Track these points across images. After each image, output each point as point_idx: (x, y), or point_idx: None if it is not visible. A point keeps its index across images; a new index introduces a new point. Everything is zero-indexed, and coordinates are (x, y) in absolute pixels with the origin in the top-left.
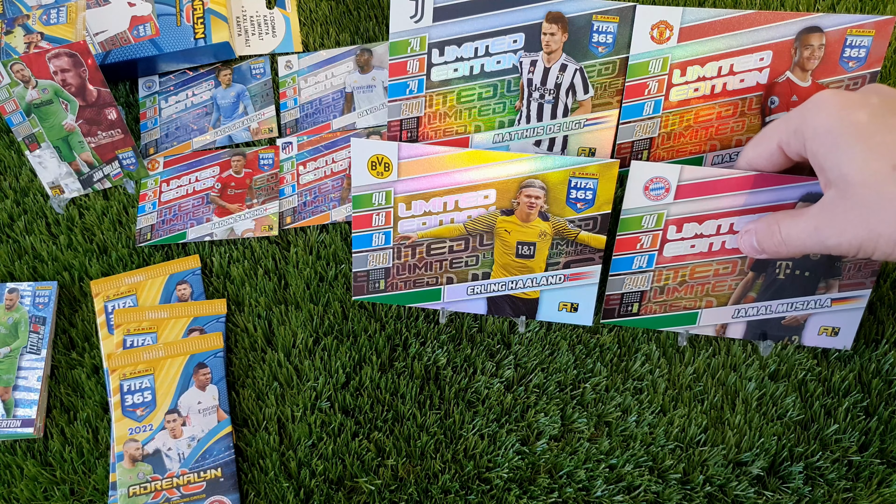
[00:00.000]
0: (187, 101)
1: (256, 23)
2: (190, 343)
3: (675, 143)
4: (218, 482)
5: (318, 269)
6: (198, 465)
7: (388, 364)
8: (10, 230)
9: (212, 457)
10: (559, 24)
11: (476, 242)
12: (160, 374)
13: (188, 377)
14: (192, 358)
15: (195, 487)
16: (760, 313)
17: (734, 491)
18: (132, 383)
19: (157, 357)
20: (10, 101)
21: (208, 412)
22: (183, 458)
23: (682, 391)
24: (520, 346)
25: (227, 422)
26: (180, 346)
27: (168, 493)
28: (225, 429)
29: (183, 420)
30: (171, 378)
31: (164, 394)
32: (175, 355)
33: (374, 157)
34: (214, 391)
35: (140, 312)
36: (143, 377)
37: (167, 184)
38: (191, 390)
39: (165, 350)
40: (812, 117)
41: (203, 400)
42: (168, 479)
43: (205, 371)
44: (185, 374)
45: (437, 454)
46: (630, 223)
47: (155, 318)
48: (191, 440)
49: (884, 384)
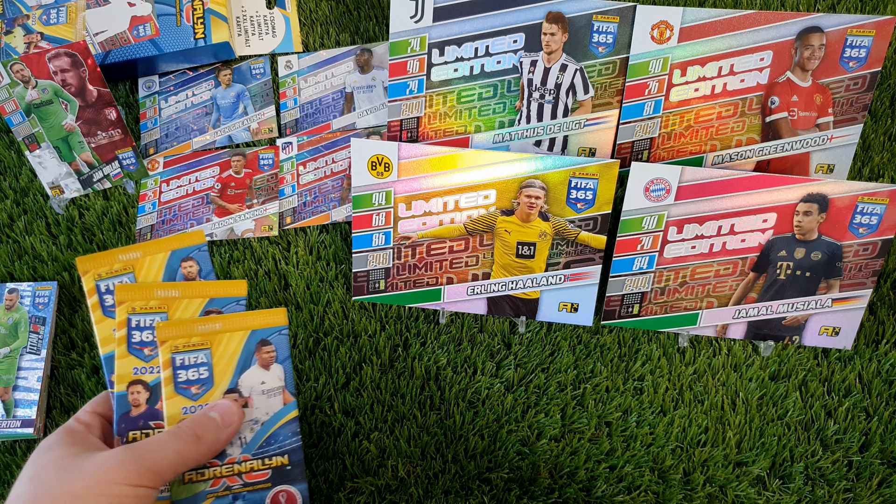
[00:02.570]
0: (187, 101)
1: (256, 23)
2: (251, 318)
3: (676, 144)
4: (284, 470)
5: (318, 269)
6: (261, 451)
7: (389, 364)
8: (10, 230)
9: (277, 442)
10: (559, 24)
11: (476, 242)
12: (218, 349)
13: (250, 354)
14: (254, 334)
15: (259, 475)
16: (761, 314)
17: (735, 491)
18: (186, 357)
19: (212, 330)
20: (10, 101)
21: (273, 394)
22: (245, 443)
23: (682, 392)
24: (520, 347)
25: (293, 405)
26: (240, 321)
27: (228, 480)
28: (291, 412)
29: (245, 401)
30: (230, 354)
31: (222, 371)
32: (234, 329)
33: (374, 157)
34: (280, 371)
35: (146, 289)
36: (198, 351)
37: (167, 184)
38: (253, 368)
39: (223, 323)
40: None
41: (267, 380)
42: (228, 465)
43: (268, 349)
44: (246, 350)
45: (437, 454)
46: (630, 224)
47: (164, 296)
48: (254, 424)
49: (884, 384)
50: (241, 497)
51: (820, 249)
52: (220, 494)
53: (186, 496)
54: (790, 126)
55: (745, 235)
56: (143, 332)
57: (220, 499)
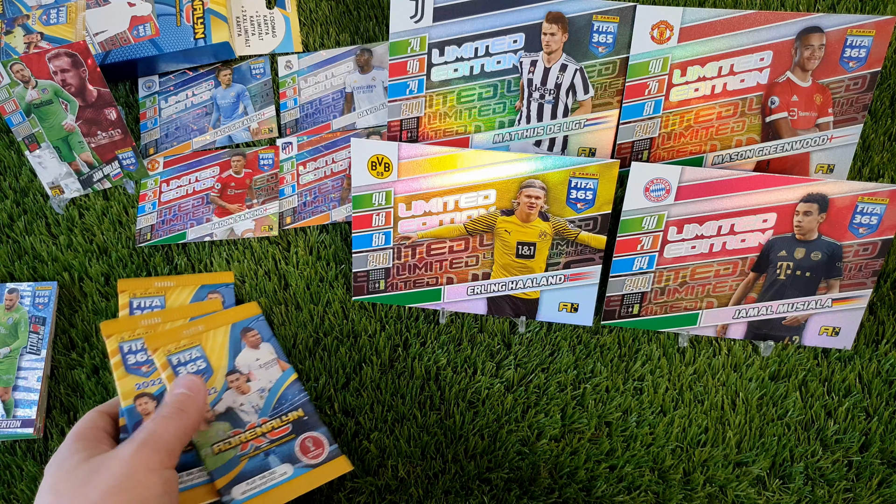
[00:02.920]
0: (187, 101)
1: (256, 23)
2: (228, 314)
3: (676, 144)
4: (302, 421)
5: (318, 269)
6: (276, 411)
7: (389, 364)
8: (10, 230)
9: (287, 402)
10: (559, 24)
11: (476, 242)
12: (207, 344)
13: (237, 341)
14: (235, 326)
15: (282, 431)
16: (761, 314)
17: (735, 491)
18: (180, 356)
19: (197, 332)
20: (10, 101)
21: (269, 365)
22: (258, 409)
23: (682, 392)
24: (520, 347)
25: (290, 370)
26: (217, 319)
27: (255, 442)
28: (291, 376)
29: (246, 377)
30: (220, 345)
31: (217, 358)
32: (216, 326)
33: (374, 157)
34: (269, 347)
35: (131, 321)
36: (190, 349)
37: (167, 184)
38: (245, 351)
39: (205, 324)
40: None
41: (261, 356)
42: (250, 430)
43: (252, 333)
44: (233, 339)
45: (437, 454)
46: (630, 224)
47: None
48: (261, 392)
49: (884, 384)
50: (271, 452)
51: (820, 249)
52: (251, 455)
53: (221, 464)
54: (790, 126)
55: (745, 235)
56: (136, 354)
57: (253, 458)
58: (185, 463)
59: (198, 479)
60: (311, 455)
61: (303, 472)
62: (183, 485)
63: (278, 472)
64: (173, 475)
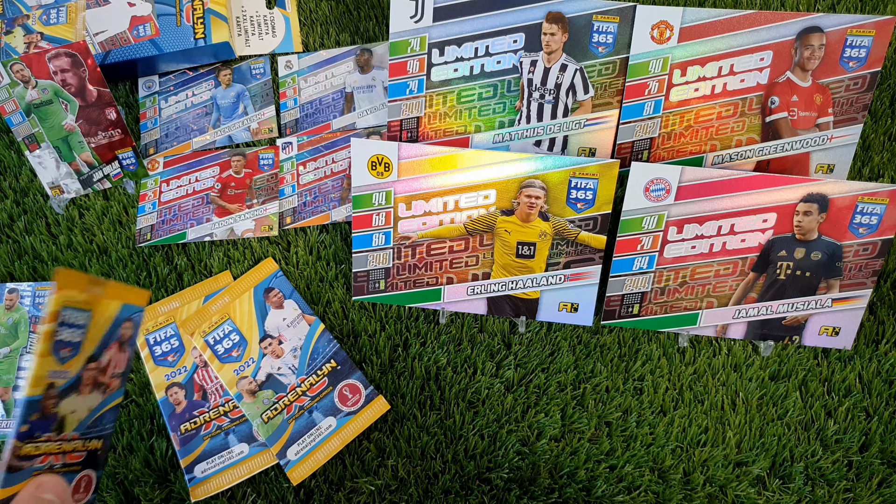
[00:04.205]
0: (187, 101)
1: (256, 23)
2: (248, 279)
3: (676, 143)
4: (337, 371)
5: (318, 269)
6: (311, 367)
7: (389, 364)
8: (10, 230)
9: (319, 355)
10: (559, 24)
11: (476, 242)
12: (236, 315)
13: (262, 304)
14: (257, 288)
15: (319, 385)
16: (761, 314)
17: (735, 491)
18: (215, 334)
19: (224, 304)
20: (10, 101)
21: (296, 322)
22: (294, 369)
23: (682, 392)
24: (520, 347)
25: (317, 322)
26: (240, 285)
27: (298, 402)
28: (319, 328)
29: (278, 339)
30: (247, 313)
31: (248, 328)
32: (241, 293)
33: (374, 157)
34: (292, 304)
35: (151, 310)
36: (221, 325)
37: (167, 184)
38: (271, 313)
39: (230, 294)
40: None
41: (286, 315)
42: (291, 391)
43: (275, 293)
44: (258, 303)
45: (437, 454)
46: (630, 224)
47: (168, 309)
48: (294, 352)
49: (884, 384)
50: (314, 409)
51: (820, 249)
52: (297, 416)
53: (273, 431)
54: (790, 126)
55: (745, 235)
56: (161, 345)
57: (299, 419)
58: (211, 449)
59: (227, 462)
60: (349, 403)
61: (345, 420)
62: (213, 468)
63: (324, 427)
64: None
